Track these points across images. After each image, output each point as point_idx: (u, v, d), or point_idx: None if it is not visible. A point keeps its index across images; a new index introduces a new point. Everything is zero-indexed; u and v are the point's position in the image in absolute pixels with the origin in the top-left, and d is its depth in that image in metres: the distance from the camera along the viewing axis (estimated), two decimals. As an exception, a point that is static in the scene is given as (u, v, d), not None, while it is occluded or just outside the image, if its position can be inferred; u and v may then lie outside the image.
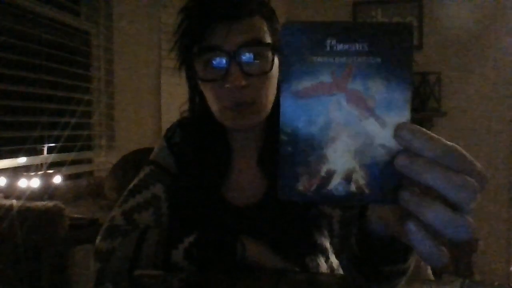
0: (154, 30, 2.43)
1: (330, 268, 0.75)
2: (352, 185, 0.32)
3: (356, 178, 0.32)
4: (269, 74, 0.69)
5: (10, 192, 1.45)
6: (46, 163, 1.79)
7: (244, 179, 0.78)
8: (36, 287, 1.27)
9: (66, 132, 1.92)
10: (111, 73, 2.31)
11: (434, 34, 2.69)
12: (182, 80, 0.78)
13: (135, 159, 1.30)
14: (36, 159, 1.79)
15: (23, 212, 1.27)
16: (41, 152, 1.83)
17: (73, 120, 1.97)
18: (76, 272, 1.38)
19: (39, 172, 1.61)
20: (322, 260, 0.74)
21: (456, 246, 2.09)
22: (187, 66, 0.75)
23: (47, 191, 1.53)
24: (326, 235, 0.74)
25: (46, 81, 1.89)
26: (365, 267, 0.50)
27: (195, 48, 0.69)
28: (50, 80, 1.90)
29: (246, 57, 0.67)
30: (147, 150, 1.05)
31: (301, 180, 0.32)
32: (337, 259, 0.74)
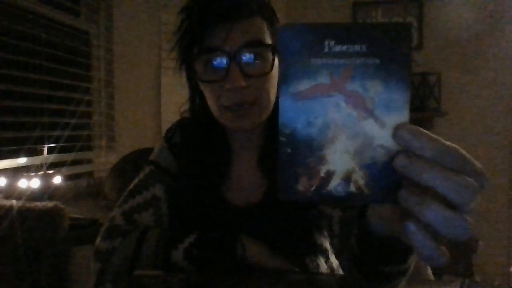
0: (154, 30, 2.43)
1: (330, 268, 0.75)
2: (351, 185, 0.32)
3: (356, 178, 0.32)
4: (269, 75, 0.69)
5: (10, 192, 1.45)
6: (46, 163, 1.80)
7: (244, 179, 0.79)
8: (36, 287, 1.27)
9: (66, 133, 1.93)
10: (111, 73, 2.31)
11: (434, 34, 2.69)
12: (182, 80, 0.78)
13: (135, 159, 1.30)
14: (36, 160, 1.79)
15: (23, 212, 1.27)
16: (41, 152, 1.84)
17: (73, 121, 1.98)
18: (76, 272, 1.38)
19: (39, 173, 1.61)
20: (322, 260, 0.74)
21: (456, 246, 2.09)
22: (187, 67, 0.75)
23: (47, 192, 1.53)
24: (326, 235, 0.74)
25: (46, 81, 1.89)
26: (365, 267, 0.50)
27: (195, 49, 0.69)
28: (50, 80, 1.90)
29: (246, 57, 0.67)
30: (147, 150, 1.05)
31: (300, 181, 0.33)
32: (337, 259, 0.74)
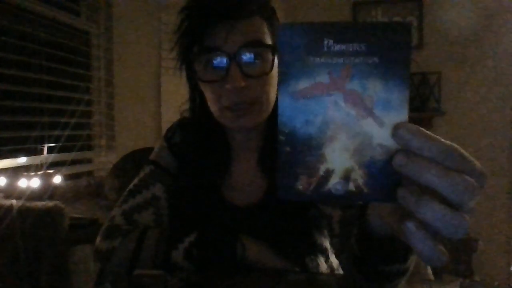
0: (154, 30, 2.43)
1: (330, 268, 0.75)
2: (350, 184, 0.32)
3: (355, 177, 0.32)
4: (269, 75, 0.69)
5: (10, 192, 1.45)
6: (46, 163, 1.80)
7: (244, 179, 0.79)
8: (36, 287, 1.27)
9: (66, 132, 1.93)
10: (111, 73, 2.31)
11: (434, 34, 2.69)
12: (182, 80, 0.78)
13: (135, 159, 1.30)
14: (36, 159, 1.79)
15: (23, 212, 1.27)
16: (41, 152, 1.83)
17: (73, 120, 1.98)
18: (76, 272, 1.38)
19: (39, 172, 1.61)
20: (322, 260, 0.74)
21: (456, 246, 2.09)
22: (187, 66, 0.75)
23: (47, 191, 1.53)
24: (326, 235, 0.74)
25: (46, 81, 1.89)
26: (365, 267, 0.50)
27: (195, 49, 0.69)
28: (50, 80, 1.90)
29: (246, 57, 0.67)
30: (147, 150, 1.05)
31: (300, 180, 0.33)
32: (337, 259, 0.74)
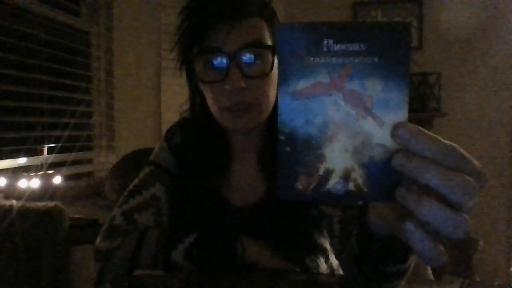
0: (154, 30, 2.43)
1: (330, 268, 0.75)
2: (350, 184, 0.32)
3: (354, 177, 0.32)
4: (269, 76, 0.69)
5: (10, 192, 1.45)
6: (46, 163, 1.80)
7: (244, 180, 0.78)
8: (36, 287, 1.27)
9: (66, 133, 1.93)
10: (111, 73, 2.31)
11: (434, 34, 2.69)
12: (182, 80, 0.78)
13: (135, 159, 1.30)
14: (36, 160, 1.80)
15: (23, 212, 1.27)
16: (41, 152, 1.84)
17: (73, 121, 1.98)
18: (76, 272, 1.38)
19: (39, 173, 1.61)
20: (322, 260, 0.74)
21: (456, 246, 2.09)
22: (187, 67, 0.75)
23: (47, 192, 1.53)
24: (326, 235, 0.74)
25: (46, 81, 1.89)
26: (365, 267, 0.50)
27: (195, 49, 0.69)
28: (50, 80, 1.91)
29: (246, 58, 0.67)
30: (147, 150, 1.05)
31: (300, 180, 0.33)
32: (337, 259, 0.74)
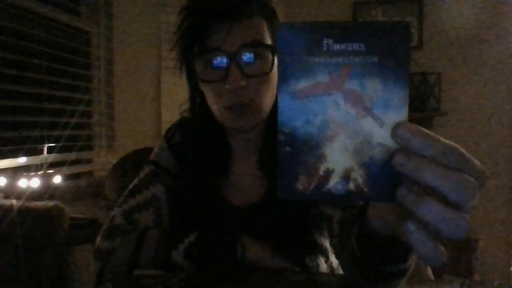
0: (154, 30, 2.43)
1: (330, 268, 0.75)
2: (350, 183, 0.32)
3: (355, 177, 0.32)
4: (269, 75, 0.69)
5: (10, 192, 1.45)
6: (46, 163, 1.80)
7: (244, 179, 0.79)
8: (36, 287, 1.27)
9: (66, 132, 1.93)
10: (111, 73, 2.31)
11: (434, 34, 2.69)
12: (182, 80, 0.78)
13: (135, 159, 1.30)
14: (36, 159, 1.79)
15: (23, 212, 1.27)
16: (41, 152, 1.84)
17: (73, 120, 1.98)
18: (76, 272, 1.38)
19: (39, 172, 1.61)
20: (322, 260, 0.74)
21: (456, 246, 2.09)
22: (187, 66, 0.75)
23: (47, 191, 1.53)
24: (326, 235, 0.74)
25: (46, 81, 1.89)
26: (365, 266, 0.50)
27: (195, 49, 0.69)
28: (50, 80, 1.91)
29: (246, 57, 0.67)
30: (147, 150, 1.05)
31: (300, 180, 0.33)
32: (337, 259, 0.74)
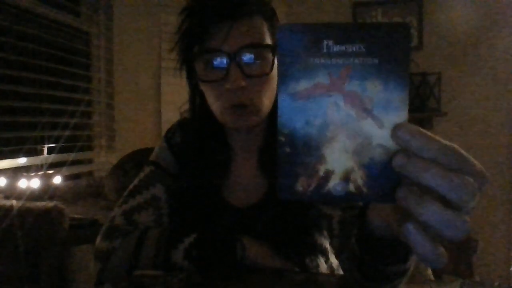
0: (154, 30, 2.43)
1: (330, 268, 0.75)
2: (350, 185, 0.32)
3: (354, 178, 0.32)
4: (269, 75, 0.69)
5: (10, 192, 1.45)
6: (46, 163, 1.80)
7: (244, 180, 0.79)
8: (36, 287, 1.27)
9: (66, 133, 1.93)
10: (111, 73, 2.32)
11: (434, 34, 2.69)
12: (182, 80, 0.78)
13: (135, 159, 1.30)
14: (36, 160, 1.80)
15: (23, 212, 1.27)
16: (41, 152, 1.84)
17: (73, 121, 1.98)
18: (76, 272, 1.38)
19: (39, 173, 1.61)
20: (322, 260, 0.74)
21: (456, 246, 2.09)
22: (187, 67, 0.75)
23: (47, 192, 1.53)
24: (326, 235, 0.74)
25: (46, 81, 1.89)
26: (365, 267, 0.50)
27: (195, 49, 0.69)
28: (50, 80, 1.91)
29: (247, 58, 0.67)
30: (147, 150, 1.05)
31: (299, 180, 0.33)
32: (337, 259, 0.74)
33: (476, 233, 2.34)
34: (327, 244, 0.75)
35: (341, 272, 0.74)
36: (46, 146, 1.85)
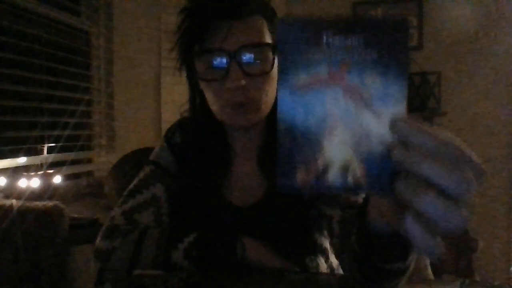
0: (154, 30, 2.43)
1: (330, 268, 0.75)
2: (348, 177, 0.32)
3: (353, 170, 0.32)
4: (269, 74, 0.69)
5: (10, 192, 1.45)
6: (46, 163, 1.79)
7: (244, 179, 0.79)
8: (36, 287, 1.27)
9: (66, 132, 1.92)
10: (111, 73, 2.31)
11: (434, 34, 2.68)
12: (182, 80, 0.78)
13: (135, 159, 1.30)
14: (36, 159, 1.79)
15: (23, 212, 1.27)
16: (41, 152, 1.84)
17: (73, 120, 1.98)
18: (76, 272, 1.38)
19: (39, 172, 1.61)
20: (322, 260, 0.74)
21: (456, 246, 2.09)
22: (187, 66, 0.75)
23: (47, 191, 1.53)
24: (326, 235, 0.74)
25: (46, 81, 1.89)
26: (365, 266, 0.50)
27: (195, 48, 0.69)
28: (50, 80, 1.90)
29: (247, 57, 0.67)
30: (147, 150, 1.05)
31: (298, 173, 0.33)
32: (337, 259, 0.74)
33: (476, 232, 2.34)
34: (327, 244, 0.75)
35: (341, 272, 0.74)
36: (46, 145, 1.85)
